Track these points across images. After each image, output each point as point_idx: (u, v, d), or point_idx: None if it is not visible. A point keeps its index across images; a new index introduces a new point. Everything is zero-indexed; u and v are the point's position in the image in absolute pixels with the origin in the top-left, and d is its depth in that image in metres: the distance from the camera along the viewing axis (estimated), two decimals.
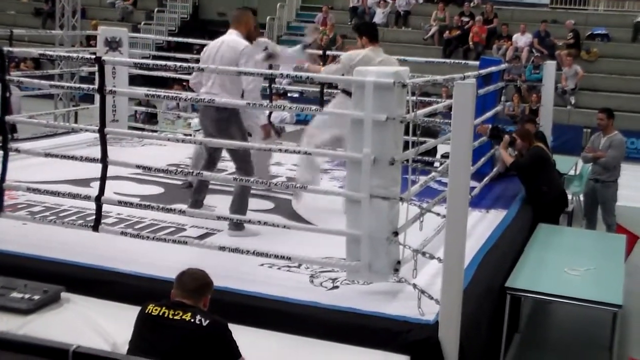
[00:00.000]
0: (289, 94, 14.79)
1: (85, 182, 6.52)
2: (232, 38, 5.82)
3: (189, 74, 11.48)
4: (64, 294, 4.41)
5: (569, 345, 6.60)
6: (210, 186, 6.63)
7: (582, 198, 9.28)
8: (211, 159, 6.05)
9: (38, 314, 4.18)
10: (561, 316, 6.99)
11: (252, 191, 6.75)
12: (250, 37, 5.91)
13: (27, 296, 4.24)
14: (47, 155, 5.68)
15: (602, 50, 19.21)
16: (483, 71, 7.53)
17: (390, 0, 21.71)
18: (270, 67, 7.24)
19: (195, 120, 12.13)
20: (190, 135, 10.21)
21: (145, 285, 4.54)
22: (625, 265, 6.60)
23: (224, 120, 5.66)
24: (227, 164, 7.98)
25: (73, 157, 5.48)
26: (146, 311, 3.58)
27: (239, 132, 5.75)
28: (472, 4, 20.92)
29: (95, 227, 5.08)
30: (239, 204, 5.71)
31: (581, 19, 20.17)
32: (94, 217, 5.12)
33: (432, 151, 8.12)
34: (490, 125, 7.95)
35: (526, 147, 7.69)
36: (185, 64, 5.67)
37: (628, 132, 14.03)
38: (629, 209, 9.86)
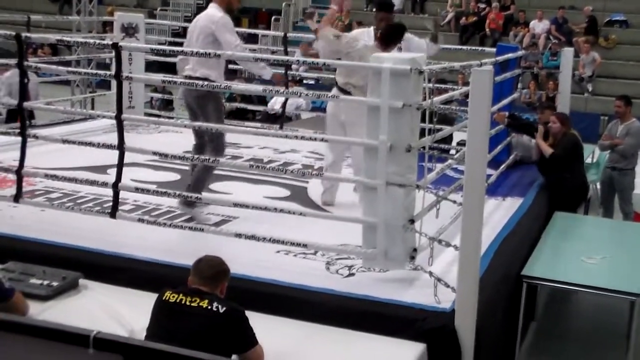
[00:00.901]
0: (304, 81, 14.79)
1: (102, 169, 6.55)
2: (209, 11, 5.76)
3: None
4: (82, 281, 4.44)
5: (585, 333, 6.58)
6: (225, 173, 6.65)
7: (599, 186, 9.21)
8: (201, 142, 5.91)
9: (57, 300, 4.21)
10: (578, 305, 6.97)
11: (268, 178, 6.80)
12: (230, 9, 5.84)
13: (45, 282, 4.27)
14: (65, 141, 5.70)
15: (620, 37, 19.04)
16: (500, 58, 7.48)
17: None
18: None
19: None
20: None
21: (162, 271, 4.56)
22: None
23: (202, 97, 5.62)
24: (243, 151, 8.03)
25: (90, 144, 5.49)
26: (163, 298, 3.60)
27: (215, 109, 5.70)
28: None
29: (113, 214, 5.11)
30: (196, 182, 5.63)
31: (599, 5, 19.97)
32: (111, 203, 5.15)
33: (448, 138, 8.09)
34: (507, 113, 7.89)
35: (562, 132, 7.58)
36: (202, 50, 5.65)
37: None
38: None
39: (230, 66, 8.21)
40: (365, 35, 6.42)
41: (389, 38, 6.13)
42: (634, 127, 8.59)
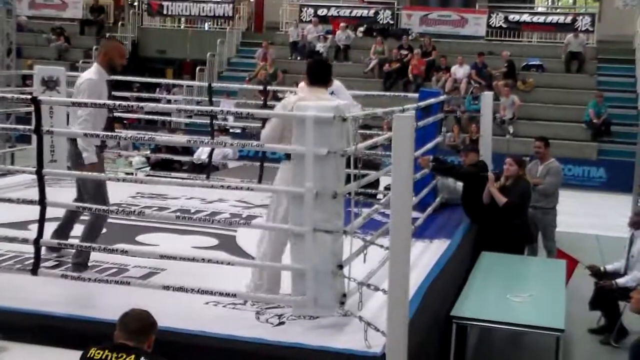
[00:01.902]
0: (230, 130, 14.80)
1: (23, 225, 6.37)
2: (85, 72, 5.68)
3: (129, 112, 11.38)
4: (0, 343, 4.28)
5: None
6: (152, 224, 6.56)
7: None
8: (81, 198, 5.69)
9: None
10: (507, 342, 7.06)
11: (196, 228, 6.73)
12: (113, 67, 5.65)
13: None
14: None
15: (537, 80, 19.75)
16: (422, 103, 7.64)
17: (330, 35, 21.98)
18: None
19: (137, 159, 12.04)
20: (132, 173, 10.11)
21: (87, 328, 4.43)
22: (566, 289, 6.73)
23: (76, 155, 5.48)
24: (170, 202, 7.95)
25: (9, 200, 5.35)
26: (88, 356, 3.50)
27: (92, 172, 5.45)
28: (410, 37, 21.29)
29: (34, 271, 4.96)
30: (85, 240, 5.40)
31: (516, 50, 20.73)
32: (32, 260, 5.00)
33: (376, 183, 8.19)
34: (431, 157, 8.04)
35: (517, 177, 7.74)
36: (124, 102, 5.62)
37: (565, 160, 14.40)
38: (568, 235, 10.06)
39: (154, 117, 8.12)
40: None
41: (317, 75, 5.46)
42: (553, 167, 8.86)
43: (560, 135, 16.93)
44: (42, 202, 4.97)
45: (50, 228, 5.32)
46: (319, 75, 5.41)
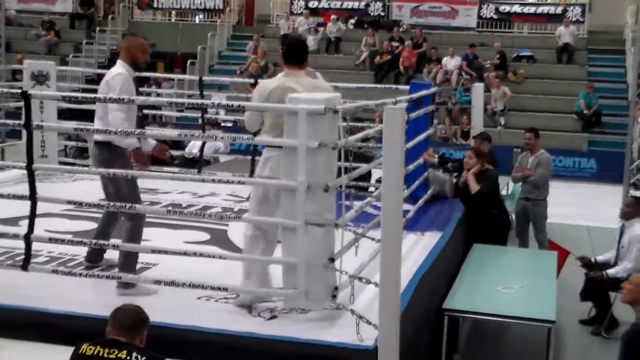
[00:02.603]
0: (222, 124, 14.78)
1: (13, 221, 6.35)
2: (114, 68, 5.35)
3: None
4: None
5: None
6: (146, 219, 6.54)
7: (513, 217, 9.46)
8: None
9: None
10: (498, 334, 7.09)
11: (187, 222, 6.73)
12: (137, 64, 5.39)
13: None
14: None
15: (528, 72, 19.77)
16: (413, 95, 7.65)
17: (321, 27, 21.95)
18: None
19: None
20: None
21: (78, 324, 4.43)
22: (557, 280, 6.76)
23: (106, 160, 5.15)
24: (161, 197, 7.94)
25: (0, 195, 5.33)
26: (80, 352, 3.50)
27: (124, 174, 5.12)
28: (401, 29, 21.28)
29: (25, 267, 4.95)
30: (125, 258, 5.15)
31: (507, 41, 20.74)
32: (23, 256, 4.99)
33: (368, 176, 8.20)
34: (431, 150, 8.17)
35: (478, 167, 7.80)
36: (115, 97, 5.59)
37: (555, 151, 14.45)
38: (559, 226, 10.10)
39: (147, 111, 8.11)
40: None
41: (292, 55, 5.26)
42: (544, 158, 8.89)
43: (550, 127, 16.98)
44: (33, 197, 4.96)
45: (40, 224, 5.29)
46: (295, 55, 5.23)
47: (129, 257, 5.16)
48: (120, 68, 5.29)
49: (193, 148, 11.11)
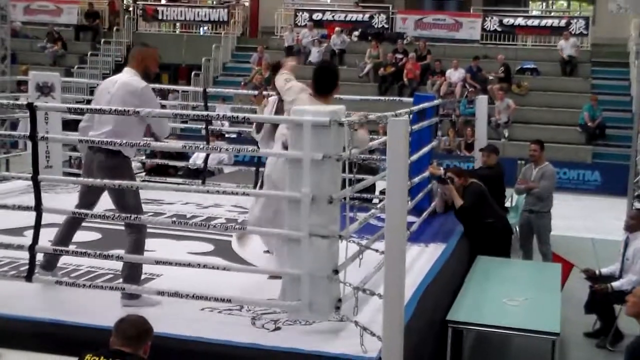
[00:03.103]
0: (226, 135, 14.80)
1: (18, 231, 6.36)
2: (127, 77, 5.27)
3: None
4: None
5: None
6: (148, 230, 6.55)
7: (517, 229, 9.45)
8: (84, 206, 5.34)
9: None
10: (502, 346, 7.07)
11: (191, 233, 6.73)
12: (148, 74, 5.40)
13: None
14: None
15: (532, 84, 19.79)
16: (417, 107, 7.65)
17: (325, 39, 22.00)
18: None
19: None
20: None
21: (82, 334, 4.43)
22: (562, 293, 6.75)
23: (114, 168, 5.11)
24: (165, 208, 7.95)
25: (5, 206, 5.35)
26: None
27: (130, 184, 5.15)
28: (405, 41, 21.33)
29: (29, 277, 4.95)
30: (130, 270, 5.11)
31: (511, 54, 20.78)
32: (27, 267, 4.99)
33: (371, 188, 8.20)
34: (442, 169, 8.22)
35: (463, 184, 7.86)
36: (120, 108, 5.61)
37: (559, 163, 14.44)
38: (563, 238, 10.09)
39: None
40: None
41: (326, 85, 5.46)
42: (548, 171, 8.89)
43: (554, 139, 16.98)
44: (38, 208, 4.97)
45: (46, 234, 5.30)
46: (323, 84, 5.46)
47: (134, 269, 5.14)
48: (136, 77, 5.26)
49: (197, 159, 11.12)
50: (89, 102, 12.08)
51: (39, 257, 5.15)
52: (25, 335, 4.48)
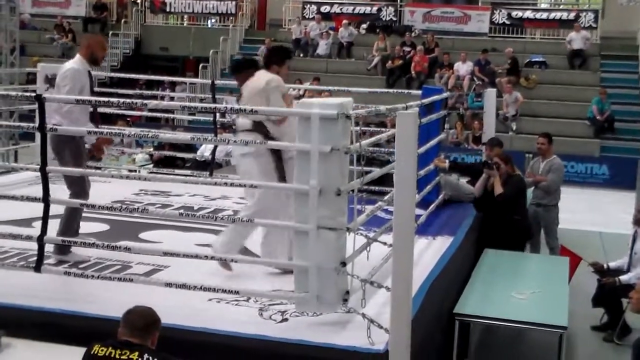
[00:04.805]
0: (234, 127, 14.80)
1: (27, 222, 6.39)
2: (70, 62, 5.89)
3: (132, 109, 11.38)
4: (4, 339, 4.29)
5: None
6: (155, 221, 6.57)
7: None
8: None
9: None
10: (509, 340, 7.06)
11: (199, 225, 6.74)
12: (95, 60, 5.92)
13: None
14: None
15: (540, 77, 19.71)
16: (425, 100, 7.64)
17: (332, 32, 21.96)
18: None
19: (140, 156, 12.06)
20: (135, 171, 10.13)
21: (90, 325, 4.45)
22: (569, 286, 6.73)
23: (59, 142, 5.62)
24: (173, 200, 7.96)
25: (13, 197, 5.36)
26: (92, 352, 3.51)
27: (71, 155, 5.69)
28: (413, 34, 21.28)
29: (37, 268, 4.97)
30: (65, 227, 5.61)
31: (519, 47, 20.69)
32: (35, 257, 5.01)
33: (380, 181, 8.18)
34: (442, 156, 8.18)
35: (507, 173, 7.84)
36: (128, 100, 5.62)
37: (567, 156, 14.40)
38: (571, 232, 10.06)
39: (158, 114, 8.15)
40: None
41: (271, 58, 5.86)
42: (555, 164, 8.85)
43: (563, 132, 16.90)
44: (46, 199, 4.99)
45: (54, 225, 5.33)
46: (275, 59, 5.84)
47: (69, 223, 5.55)
48: (75, 63, 5.82)
49: (205, 151, 11.13)
50: (96, 93, 12.09)
51: (48, 247, 5.18)
52: (33, 325, 4.50)
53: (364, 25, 22.53)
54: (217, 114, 9.01)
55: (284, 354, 4.28)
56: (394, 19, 22.58)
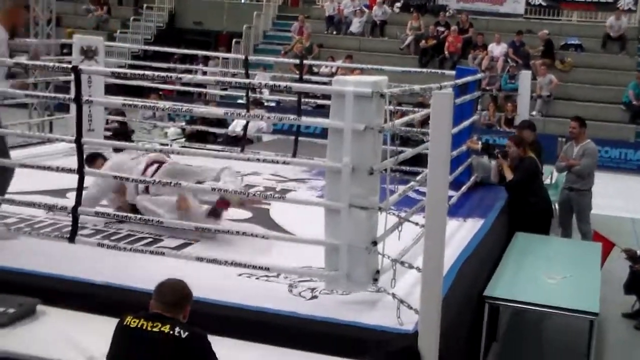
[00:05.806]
0: (265, 103, 14.82)
1: (61, 193, 6.46)
2: None
3: (166, 82, 11.39)
4: (39, 307, 4.36)
5: (546, 353, 6.64)
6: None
7: (557, 207, 9.34)
8: None
9: (13, 327, 4.12)
10: (539, 324, 7.02)
11: None
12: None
13: (1, 310, 4.17)
14: (22, 165, 5.61)
15: (576, 60, 19.43)
16: (459, 81, 7.56)
17: (366, 10, 21.81)
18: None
19: (172, 130, 12.11)
20: (167, 144, 10.17)
21: (123, 296, 4.49)
22: (601, 272, 6.67)
23: None
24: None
25: (49, 168, 5.41)
26: (124, 323, 3.54)
27: None
28: (447, 14, 21.06)
29: (72, 239, 5.02)
30: None
31: (555, 29, 20.40)
32: (70, 228, 5.06)
33: (412, 160, 8.12)
34: (480, 142, 8.12)
35: (519, 156, 7.79)
36: (162, 73, 5.62)
37: (602, 141, 14.21)
38: (604, 217, 9.96)
39: (190, 89, 8.14)
40: None
41: None
42: (589, 148, 8.74)
43: (597, 117, 16.69)
44: (81, 171, 5.03)
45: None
46: None
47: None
48: None
49: (236, 127, 11.15)
50: (130, 66, 12.14)
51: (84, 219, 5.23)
52: (68, 295, 4.55)
53: (398, 4, 22.34)
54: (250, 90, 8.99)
55: (312, 331, 4.28)
56: None
